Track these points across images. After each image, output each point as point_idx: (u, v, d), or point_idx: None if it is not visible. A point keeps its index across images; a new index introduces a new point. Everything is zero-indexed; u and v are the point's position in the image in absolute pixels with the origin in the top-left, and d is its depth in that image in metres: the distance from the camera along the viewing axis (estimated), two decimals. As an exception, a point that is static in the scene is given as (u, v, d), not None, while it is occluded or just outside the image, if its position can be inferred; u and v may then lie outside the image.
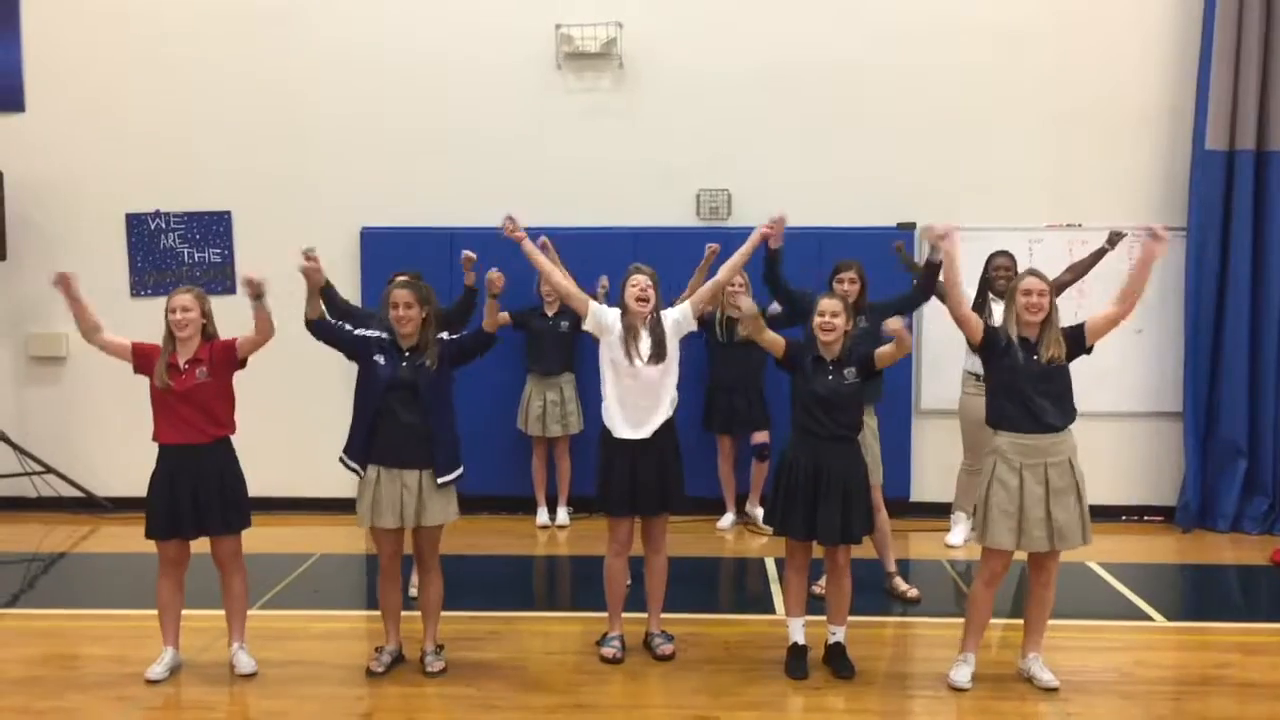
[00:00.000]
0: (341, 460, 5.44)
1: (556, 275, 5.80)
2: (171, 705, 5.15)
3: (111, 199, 8.54)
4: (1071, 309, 8.20)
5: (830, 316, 5.30)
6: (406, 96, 8.43)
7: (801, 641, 5.45)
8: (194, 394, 5.24)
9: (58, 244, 8.56)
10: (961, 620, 5.40)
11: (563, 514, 8.17)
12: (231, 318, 8.38)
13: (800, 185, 8.25)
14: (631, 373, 5.43)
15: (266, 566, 6.71)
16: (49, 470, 8.52)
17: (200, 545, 5.40)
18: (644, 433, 5.44)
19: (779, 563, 6.95)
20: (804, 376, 5.31)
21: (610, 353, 5.49)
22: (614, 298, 5.74)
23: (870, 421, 6.41)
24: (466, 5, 8.41)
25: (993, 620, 5.43)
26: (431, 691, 5.25)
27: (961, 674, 5.24)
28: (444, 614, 5.56)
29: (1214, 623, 6.35)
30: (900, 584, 6.55)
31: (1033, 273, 5.22)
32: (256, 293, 5.26)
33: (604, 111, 8.42)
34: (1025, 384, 5.05)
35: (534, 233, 8.23)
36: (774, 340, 5.39)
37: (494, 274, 5.37)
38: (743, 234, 8.14)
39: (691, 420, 7.75)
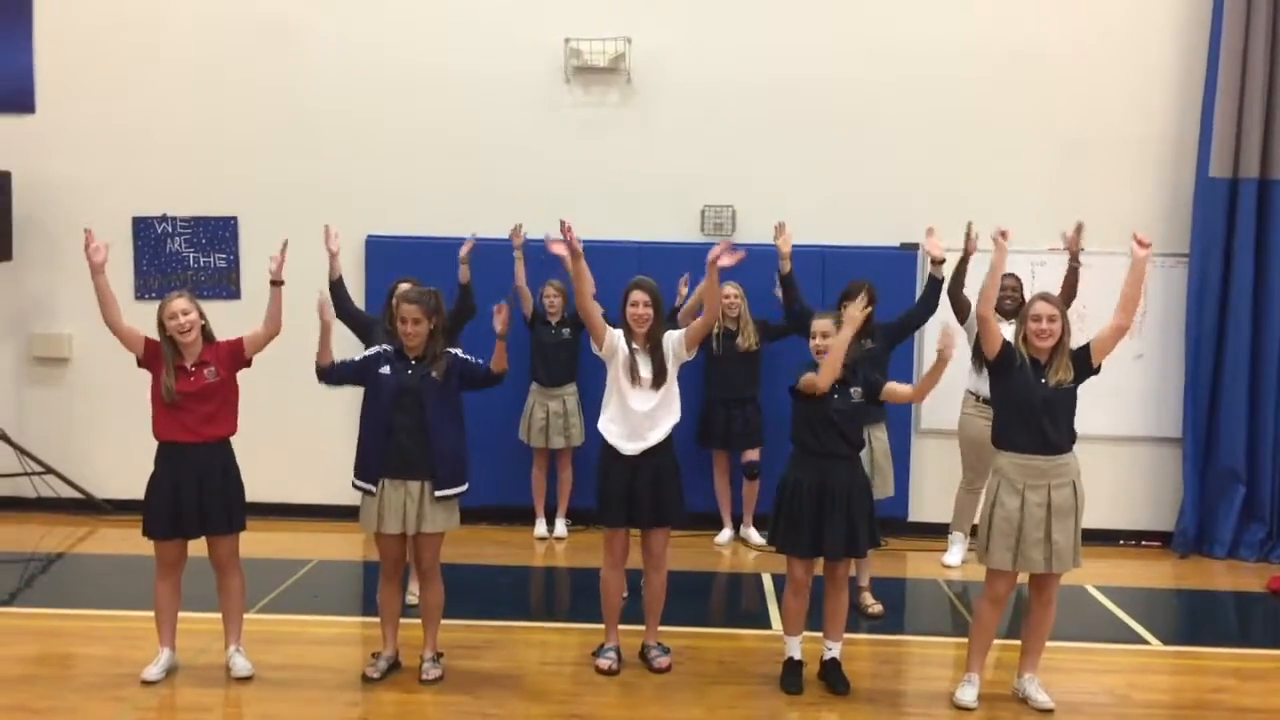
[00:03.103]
0: (354, 485, 5.41)
1: (589, 298, 5.56)
2: (167, 706, 5.15)
3: (119, 202, 8.56)
4: (1074, 334, 8.31)
5: (821, 338, 5.31)
6: (414, 106, 8.46)
7: (798, 657, 5.46)
8: (203, 394, 5.25)
9: (64, 246, 8.58)
10: (955, 639, 5.42)
11: (560, 526, 8.17)
12: (236, 324, 8.41)
13: (805, 203, 8.28)
14: (634, 394, 5.45)
15: (264, 571, 6.72)
16: (49, 471, 8.53)
17: (197, 548, 5.41)
18: (641, 448, 5.45)
19: (776, 579, 6.98)
20: (811, 400, 5.29)
21: (615, 372, 5.51)
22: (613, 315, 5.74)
23: (883, 437, 6.46)
24: (476, 17, 8.45)
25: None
26: (427, 699, 5.26)
27: (967, 694, 5.25)
28: (442, 622, 5.56)
29: (1209, 647, 6.36)
30: (867, 599, 6.55)
31: (1043, 297, 5.21)
32: (276, 278, 5.30)
33: (611, 125, 8.46)
34: (1032, 405, 5.06)
35: (539, 244, 8.31)
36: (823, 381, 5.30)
37: (500, 313, 5.36)
38: (746, 249, 8.25)
39: (687, 434, 7.78)
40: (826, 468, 5.28)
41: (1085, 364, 5.14)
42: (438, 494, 5.28)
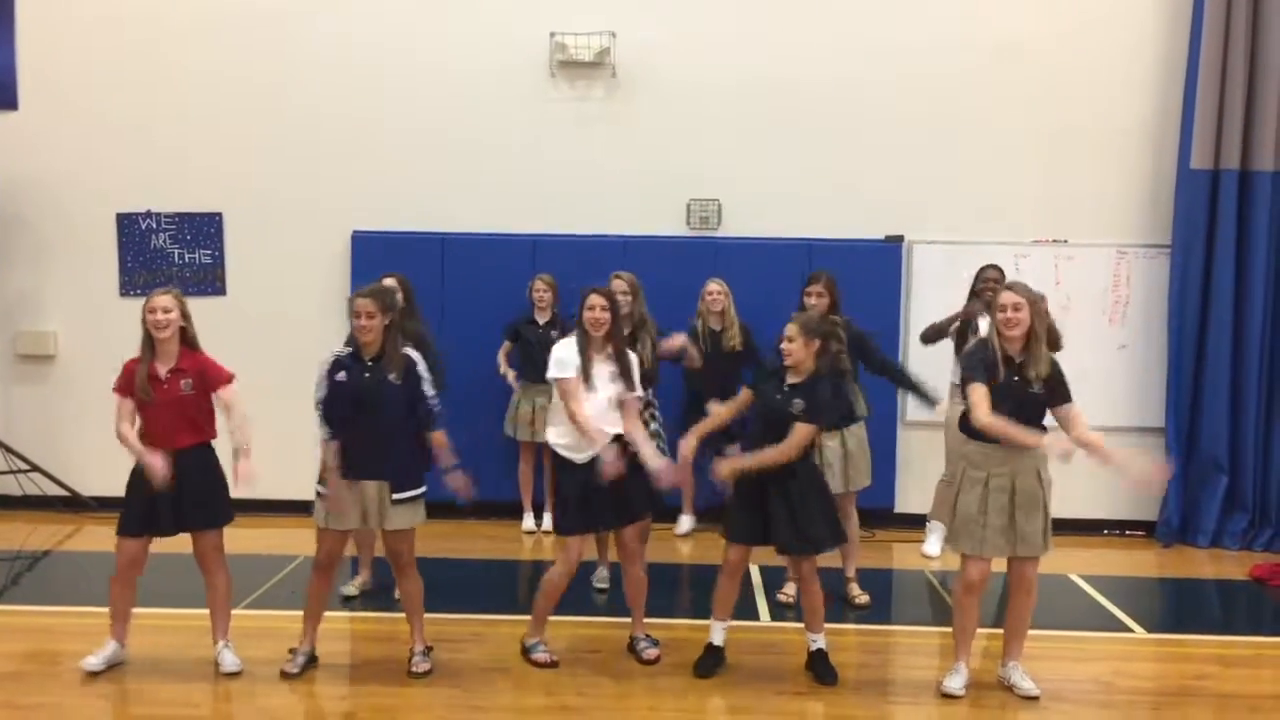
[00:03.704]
0: (318, 493, 5.37)
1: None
2: (156, 702, 5.14)
3: (103, 199, 8.55)
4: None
5: (787, 342, 5.32)
6: (399, 101, 8.46)
7: (718, 643, 5.50)
8: (177, 404, 5.25)
9: (48, 243, 8.58)
10: (941, 629, 5.44)
11: (549, 520, 8.17)
12: (221, 319, 8.42)
13: (789, 196, 8.34)
14: (588, 399, 5.41)
15: (251, 567, 6.72)
16: (34, 468, 8.51)
17: (182, 545, 5.41)
18: (590, 455, 5.39)
19: (763, 570, 7.01)
20: (761, 390, 5.37)
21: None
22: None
23: (860, 433, 6.47)
24: (461, 11, 8.45)
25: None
26: (415, 692, 5.26)
27: (954, 682, 5.28)
28: (431, 616, 5.57)
29: (1193, 635, 6.40)
30: (854, 589, 6.59)
31: (1009, 286, 5.20)
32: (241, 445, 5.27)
33: (596, 120, 8.47)
34: (1002, 400, 5.04)
35: (524, 239, 8.34)
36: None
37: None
38: (732, 244, 8.33)
39: (671, 429, 7.79)
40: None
41: (1059, 392, 5.10)
42: (395, 497, 5.28)
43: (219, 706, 5.15)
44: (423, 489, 5.40)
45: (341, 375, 5.27)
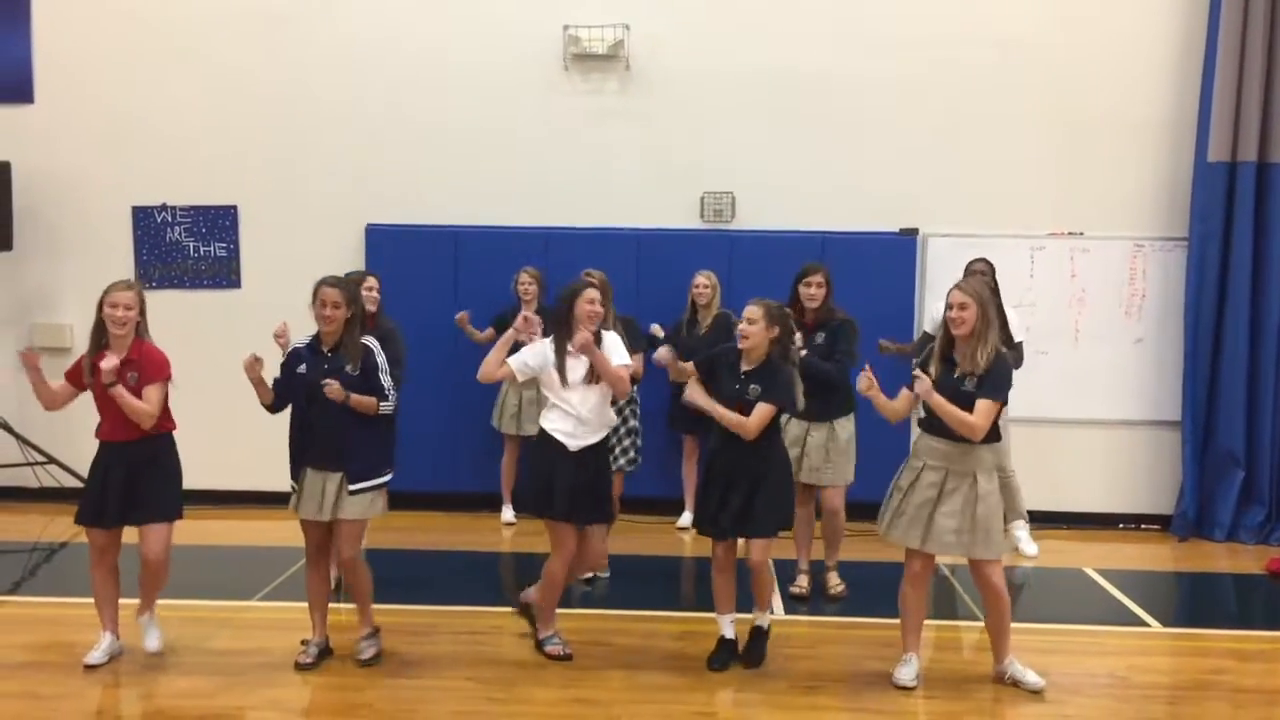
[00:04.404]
0: (292, 487, 5.42)
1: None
2: (170, 694, 5.16)
3: (118, 192, 8.57)
4: (1072, 319, 8.33)
5: (747, 323, 5.34)
6: (413, 94, 8.46)
7: (730, 636, 5.53)
8: (131, 394, 5.23)
9: (64, 236, 8.61)
10: (949, 622, 5.41)
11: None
12: (235, 312, 8.45)
13: (804, 189, 8.31)
14: (572, 394, 5.42)
15: (264, 560, 6.76)
16: (51, 460, 8.54)
17: (187, 537, 5.43)
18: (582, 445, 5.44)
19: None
20: (717, 380, 5.38)
21: (548, 379, 5.48)
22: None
23: (848, 425, 6.43)
24: (475, 6, 8.44)
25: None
26: (430, 684, 5.26)
27: (903, 673, 5.29)
28: (444, 609, 5.57)
29: (1209, 629, 6.39)
30: (833, 579, 6.57)
31: (959, 285, 5.16)
32: (109, 380, 5.21)
33: (610, 113, 8.45)
34: (942, 393, 5.07)
35: (537, 232, 8.33)
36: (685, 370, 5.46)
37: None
38: (746, 236, 8.32)
39: (658, 419, 7.86)
40: (726, 451, 5.37)
41: (982, 384, 5.05)
42: (351, 488, 5.29)
43: (233, 695, 5.16)
44: (385, 478, 5.41)
45: (302, 368, 5.29)
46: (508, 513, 8.21)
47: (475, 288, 8.22)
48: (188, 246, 8.63)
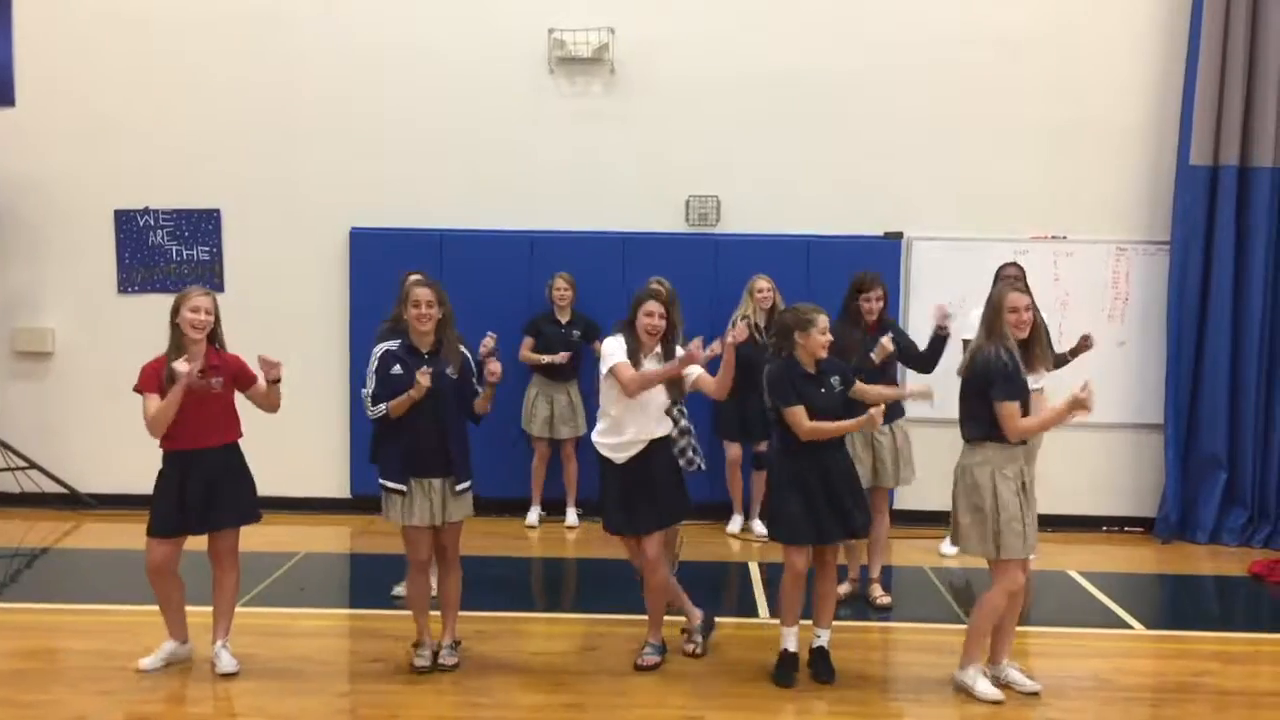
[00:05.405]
0: (382, 485, 5.35)
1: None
2: (156, 700, 5.13)
3: (100, 195, 8.52)
4: (1055, 323, 8.36)
5: (831, 336, 5.38)
6: (398, 98, 8.44)
7: (793, 649, 5.43)
8: (207, 402, 5.19)
9: (45, 239, 8.55)
10: (944, 625, 5.41)
11: (571, 515, 8.19)
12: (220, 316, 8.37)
13: (789, 193, 8.33)
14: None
15: (252, 564, 6.65)
16: (32, 466, 8.49)
17: (194, 543, 5.39)
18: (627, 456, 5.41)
19: (763, 567, 7.01)
20: (800, 395, 5.25)
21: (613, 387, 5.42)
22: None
23: (905, 429, 6.50)
24: (458, 7, 8.43)
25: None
26: (414, 689, 5.25)
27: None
28: (432, 614, 5.56)
29: (1192, 631, 6.42)
30: (876, 590, 6.55)
31: (1014, 288, 5.22)
32: (275, 376, 5.27)
33: (595, 116, 8.45)
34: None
35: (522, 236, 8.32)
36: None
37: (495, 366, 5.32)
38: (731, 240, 8.33)
39: (705, 425, 7.75)
40: (826, 457, 5.32)
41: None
42: (458, 488, 5.30)
43: (220, 704, 5.13)
44: (471, 480, 5.40)
45: (397, 369, 5.23)
46: (532, 515, 8.22)
47: (460, 292, 8.14)
48: (170, 250, 8.57)
